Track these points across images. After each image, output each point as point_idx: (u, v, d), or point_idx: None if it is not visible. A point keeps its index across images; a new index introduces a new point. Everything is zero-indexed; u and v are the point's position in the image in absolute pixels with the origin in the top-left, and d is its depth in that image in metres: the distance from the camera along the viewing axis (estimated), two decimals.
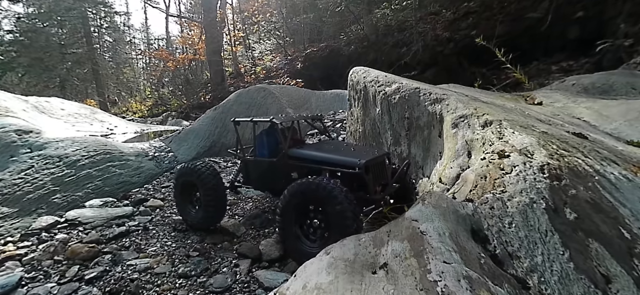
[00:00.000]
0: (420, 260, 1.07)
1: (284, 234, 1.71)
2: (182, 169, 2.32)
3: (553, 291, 1.17)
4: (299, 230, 1.71)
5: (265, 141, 2.27)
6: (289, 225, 1.70)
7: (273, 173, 2.12)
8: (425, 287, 0.92)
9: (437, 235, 1.27)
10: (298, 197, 1.69)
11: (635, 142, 2.52)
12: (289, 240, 1.70)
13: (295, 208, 1.69)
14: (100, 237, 2.12)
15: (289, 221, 1.70)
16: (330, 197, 1.60)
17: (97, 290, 1.59)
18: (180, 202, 2.34)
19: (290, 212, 1.70)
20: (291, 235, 1.69)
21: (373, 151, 2.17)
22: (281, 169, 2.05)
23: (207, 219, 2.24)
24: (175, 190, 2.36)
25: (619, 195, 1.50)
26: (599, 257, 1.26)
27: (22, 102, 4.67)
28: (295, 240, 1.69)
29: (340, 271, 1.12)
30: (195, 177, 2.17)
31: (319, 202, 1.65)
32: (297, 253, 1.68)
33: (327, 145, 2.40)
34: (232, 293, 1.62)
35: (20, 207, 2.34)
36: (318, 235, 1.70)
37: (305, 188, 1.67)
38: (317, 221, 1.70)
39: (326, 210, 1.62)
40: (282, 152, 2.08)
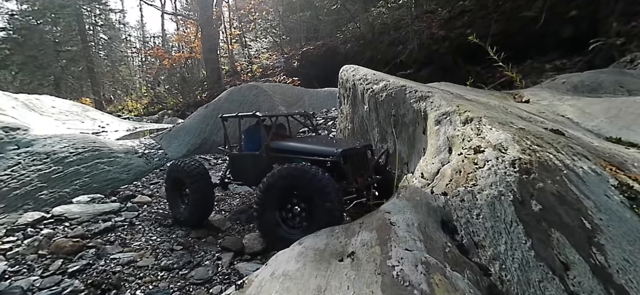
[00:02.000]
0: (383, 248, 1.12)
1: (262, 218, 1.68)
2: (172, 166, 2.35)
3: (512, 277, 1.23)
4: (279, 216, 1.69)
5: (251, 136, 2.33)
6: (269, 209, 1.67)
7: (256, 166, 2.14)
8: (383, 271, 0.97)
9: (405, 225, 1.32)
10: (285, 181, 1.65)
11: (613, 139, 2.59)
12: (267, 225, 1.68)
13: (279, 191, 1.66)
14: (85, 232, 2.15)
15: (270, 204, 1.67)
16: (321, 189, 1.58)
17: (78, 283, 1.62)
18: (171, 198, 2.38)
19: (273, 195, 1.67)
20: (270, 220, 1.67)
21: (354, 143, 2.19)
22: (264, 161, 2.07)
23: (194, 216, 2.27)
24: (167, 187, 2.39)
25: (584, 188, 1.56)
26: (559, 245, 1.32)
27: (11, 100, 4.66)
28: (274, 226, 1.67)
29: (309, 259, 1.16)
30: (184, 174, 2.20)
31: (307, 191, 1.62)
32: (274, 238, 1.66)
33: (311, 138, 2.45)
34: (212, 284, 1.66)
35: (6, 203, 2.36)
36: (297, 223, 1.69)
37: (294, 173, 1.64)
38: (299, 209, 1.68)
39: (313, 201, 1.60)
40: (265, 145, 2.12)
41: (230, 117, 2.48)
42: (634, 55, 5.08)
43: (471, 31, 5.10)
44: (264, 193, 1.68)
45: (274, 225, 1.67)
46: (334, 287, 0.96)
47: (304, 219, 1.68)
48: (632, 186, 1.61)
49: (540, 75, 6.39)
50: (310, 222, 1.63)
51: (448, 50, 8.55)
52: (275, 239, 1.65)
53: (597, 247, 1.33)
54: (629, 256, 1.30)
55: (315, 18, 13.77)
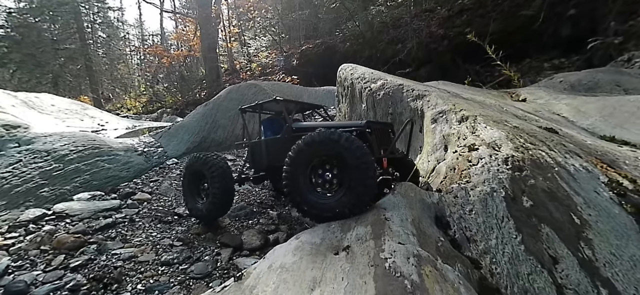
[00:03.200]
0: (377, 242, 1.15)
1: (293, 184, 1.54)
2: (191, 159, 2.29)
3: (502, 270, 1.27)
4: (311, 182, 1.58)
5: (271, 126, 2.31)
6: (301, 174, 1.54)
7: (278, 149, 2.04)
8: (376, 263, 1.01)
9: (399, 221, 1.36)
10: (320, 145, 1.52)
11: (607, 137, 2.64)
12: (299, 192, 1.54)
13: (314, 155, 1.54)
14: (86, 229, 2.18)
15: (302, 169, 1.54)
16: (358, 156, 1.47)
17: (81, 277, 1.66)
18: (188, 192, 2.31)
19: (306, 159, 1.55)
20: (303, 186, 1.55)
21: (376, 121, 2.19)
22: (286, 143, 1.94)
23: (212, 211, 2.20)
24: (183, 181, 2.34)
25: (575, 184, 1.60)
26: (549, 240, 1.36)
27: (10, 98, 4.67)
28: (306, 192, 1.55)
29: (306, 253, 1.20)
30: (204, 167, 2.15)
31: (342, 157, 1.50)
32: (307, 205, 1.53)
33: (329, 122, 2.44)
34: (211, 278, 1.70)
35: (8, 200, 2.39)
36: (330, 190, 1.58)
37: (331, 136, 1.52)
38: (330, 176, 1.57)
39: (348, 167, 1.48)
40: (286, 126, 2.07)
41: (249, 107, 2.42)
42: (631, 54, 5.12)
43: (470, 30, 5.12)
44: (297, 156, 1.55)
45: (307, 191, 1.55)
46: (329, 278, 1.00)
47: (337, 187, 1.57)
48: (622, 183, 1.66)
49: (538, 74, 6.41)
50: (344, 189, 1.52)
51: (447, 48, 8.55)
52: (307, 206, 1.53)
53: (585, 241, 1.37)
54: (616, 250, 1.34)
55: (314, 16, 13.75)
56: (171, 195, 2.98)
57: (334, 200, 1.51)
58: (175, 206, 2.74)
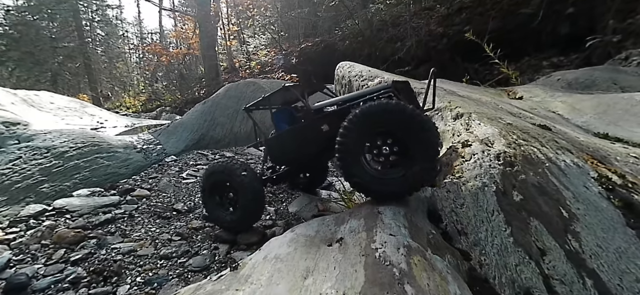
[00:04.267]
0: (369, 234, 1.19)
1: (348, 159, 1.40)
2: (212, 168, 2.08)
3: (491, 261, 1.31)
4: (369, 157, 1.44)
5: (283, 117, 2.09)
6: (359, 148, 1.41)
7: (302, 137, 1.86)
8: (366, 253, 1.04)
9: (392, 214, 1.39)
10: (378, 116, 1.37)
11: (600, 134, 2.67)
12: (356, 167, 1.41)
13: (371, 127, 1.40)
14: (86, 224, 2.21)
15: (358, 143, 1.41)
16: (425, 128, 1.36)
17: (81, 270, 1.69)
18: (211, 203, 2.09)
19: (363, 132, 1.40)
20: (360, 161, 1.41)
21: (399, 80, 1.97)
22: (309, 129, 1.81)
23: (245, 222, 2.04)
24: (203, 192, 2.11)
25: (565, 179, 1.64)
26: (537, 233, 1.40)
27: (10, 96, 4.69)
28: (363, 169, 1.41)
29: (300, 244, 1.24)
30: (228, 175, 1.97)
31: (404, 130, 1.37)
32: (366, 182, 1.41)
33: (343, 94, 2.19)
34: (209, 271, 1.73)
35: (8, 196, 2.42)
36: (388, 165, 1.45)
37: (390, 107, 1.37)
38: (388, 149, 1.42)
39: (412, 141, 1.37)
40: (306, 110, 1.87)
41: (256, 103, 2.16)
42: (629, 52, 5.14)
43: (469, 28, 5.14)
44: (352, 128, 1.39)
45: (364, 167, 1.42)
46: (322, 268, 1.04)
47: (395, 162, 1.44)
48: (611, 178, 1.70)
49: (537, 72, 6.43)
50: (407, 164, 1.41)
51: (446, 47, 8.56)
52: (366, 183, 1.41)
53: (573, 234, 1.41)
54: (602, 243, 1.38)
55: (313, 14, 13.73)
56: (170, 191, 3.01)
57: (398, 176, 1.39)
58: (173, 202, 2.78)
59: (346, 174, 1.45)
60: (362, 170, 1.42)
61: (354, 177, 1.43)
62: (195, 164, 3.93)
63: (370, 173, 1.42)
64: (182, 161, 3.97)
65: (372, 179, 1.42)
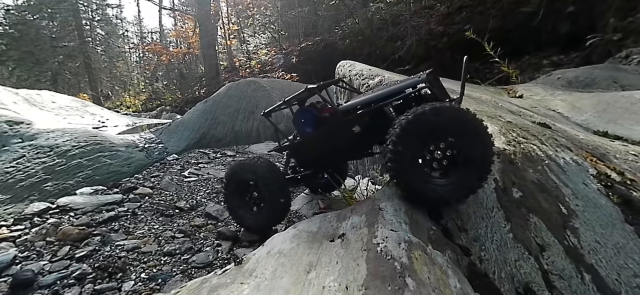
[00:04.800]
0: (370, 229, 1.21)
1: (403, 163, 1.32)
2: (236, 168, 1.99)
3: (491, 256, 1.32)
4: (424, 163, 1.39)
5: (306, 118, 1.92)
6: (414, 153, 1.34)
7: (332, 140, 1.78)
8: (368, 248, 1.06)
9: (393, 210, 1.41)
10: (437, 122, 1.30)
11: (600, 132, 2.69)
12: (411, 172, 1.34)
13: (427, 132, 1.33)
14: (90, 221, 2.23)
15: (414, 147, 1.33)
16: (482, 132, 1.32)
17: (86, 266, 1.71)
18: (234, 204, 2.01)
19: (419, 136, 1.33)
20: (416, 166, 1.35)
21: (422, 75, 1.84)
22: (340, 131, 1.74)
23: (272, 221, 1.96)
24: (227, 194, 2.02)
25: (564, 177, 1.66)
26: (536, 229, 1.42)
27: (12, 95, 4.71)
28: (419, 174, 1.36)
29: (303, 240, 1.26)
30: (253, 175, 1.89)
31: (462, 135, 1.34)
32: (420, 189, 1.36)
33: (370, 91, 2.02)
34: (213, 268, 1.76)
35: (13, 193, 2.44)
36: (443, 171, 1.40)
37: (450, 112, 1.32)
38: (441, 155, 1.37)
39: (470, 146, 1.34)
40: (334, 112, 1.76)
41: (275, 108, 2.03)
42: (629, 50, 5.15)
43: (469, 27, 5.14)
44: (408, 133, 1.31)
45: (419, 172, 1.36)
46: (324, 262, 1.06)
47: (448, 168, 1.40)
48: (610, 175, 1.72)
49: (537, 70, 6.44)
50: (459, 170, 1.37)
51: (446, 46, 8.56)
52: (419, 189, 1.36)
53: (572, 230, 1.43)
54: (600, 238, 1.40)
55: (313, 14, 13.72)
56: (172, 189, 3.03)
57: (452, 182, 1.36)
58: (176, 200, 2.80)
59: (398, 179, 1.37)
60: (416, 176, 1.36)
61: (406, 183, 1.37)
62: (197, 162, 3.95)
63: (424, 179, 1.37)
64: (184, 160, 3.99)
65: (425, 186, 1.37)
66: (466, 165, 1.37)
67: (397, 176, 1.37)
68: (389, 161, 1.34)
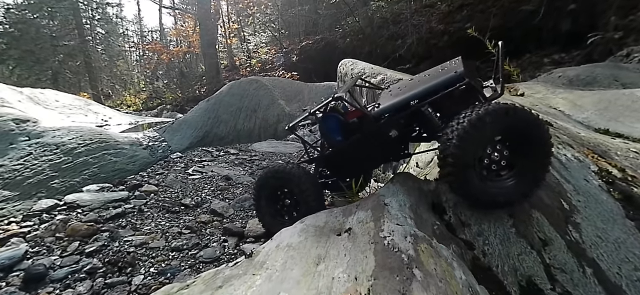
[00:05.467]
0: (377, 224, 1.24)
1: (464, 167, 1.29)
2: (269, 173, 1.90)
3: (494, 250, 1.35)
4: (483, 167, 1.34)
5: (333, 125, 1.82)
6: (477, 156, 1.30)
7: (367, 148, 1.71)
8: (375, 241, 1.09)
9: (397, 205, 1.44)
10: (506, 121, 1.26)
11: (601, 130, 2.72)
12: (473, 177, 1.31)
13: (493, 134, 1.30)
14: (98, 218, 2.27)
15: (477, 149, 1.29)
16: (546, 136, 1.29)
17: (97, 261, 1.75)
18: (266, 210, 1.93)
19: (483, 139, 1.29)
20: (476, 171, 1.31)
21: (455, 63, 1.70)
22: (376, 137, 1.66)
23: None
24: (258, 200, 1.94)
25: (565, 173, 1.69)
26: (539, 224, 1.45)
27: (16, 93, 4.75)
28: (479, 179, 1.33)
29: (310, 234, 1.29)
30: (287, 181, 1.82)
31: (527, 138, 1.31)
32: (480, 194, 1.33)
33: (396, 89, 1.89)
34: (220, 263, 1.79)
35: (21, 191, 2.48)
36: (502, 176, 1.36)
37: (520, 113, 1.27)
38: (499, 156, 1.33)
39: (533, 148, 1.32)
40: (367, 117, 1.67)
41: (301, 121, 1.92)
42: (630, 49, 5.16)
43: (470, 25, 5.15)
44: (470, 136, 1.26)
45: (480, 177, 1.33)
46: (333, 255, 1.09)
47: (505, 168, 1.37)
48: (611, 172, 1.75)
49: (538, 69, 6.45)
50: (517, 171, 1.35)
51: (447, 44, 8.56)
52: (479, 192, 1.33)
53: (573, 225, 1.46)
54: (602, 233, 1.43)
55: (314, 12, 13.71)
56: (177, 187, 3.07)
57: (511, 184, 1.35)
58: (181, 197, 2.83)
59: (457, 183, 1.35)
60: (476, 180, 1.33)
61: (465, 187, 1.34)
62: (201, 160, 3.98)
63: (484, 182, 1.35)
64: (187, 158, 4.03)
65: (485, 189, 1.34)
66: (527, 166, 1.35)
67: (456, 180, 1.33)
68: (449, 167, 1.30)
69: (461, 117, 1.32)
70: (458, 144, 1.27)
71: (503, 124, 1.29)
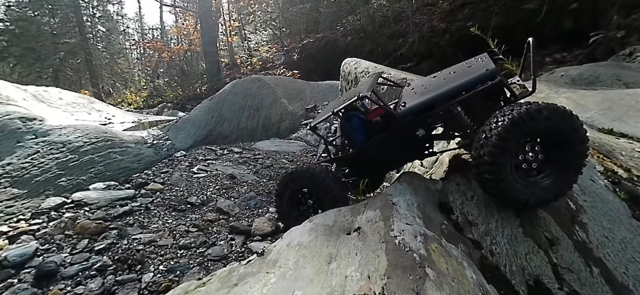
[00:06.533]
0: (386, 223, 1.25)
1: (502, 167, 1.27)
2: (292, 175, 1.86)
3: (502, 250, 1.37)
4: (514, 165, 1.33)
5: (356, 125, 1.78)
6: (511, 156, 1.29)
7: (393, 148, 1.68)
8: (386, 240, 1.10)
9: (405, 205, 1.45)
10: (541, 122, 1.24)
11: (605, 130, 2.72)
12: (507, 180, 1.30)
13: (527, 134, 1.29)
14: (105, 215, 2.29)
15: (511, 149, 1.28)
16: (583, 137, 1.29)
17: (106, 258, 1.77)
18: (288, 212, 1.88)
19: (518, 138, 1.27)
20: (511, 170, 1.31)
21: (483, 60, 1.66)
22: (403, 136, 1.63)
23: None
24: (281, 203, 1.89)
25: None
26: (546, 224, 1.46)
27: (21, 91, 4.76)
28: (515, 179, 1.32)
29: (320, 233, 1.30)
30: (311, 183, 1.79)
31: (563, 139, 1.29)
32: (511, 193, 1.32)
33: (419, 87, 1.83)
34: (228, 261, 1.81)
35: (29, 188, 2.49)
36: (536, 175, 1.36)
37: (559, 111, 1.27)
38: (534, 156, 1.33)
39: (567, 149, 1.30)
40: (394, 118, 1.62)
41: (322, 120, 1.85)
42: (633, 48, 5.15)
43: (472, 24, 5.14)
44: (511, 135, 1.25)
45: (514, 177, 1.32)
46: (344, 254, 1.10)
47: (541, 168, 1.36)
48: (617, 172, 1.75)
49: (540, 68, 6.43)
50: (552, 171, 1.34)
51: (449, 43, 8.53)
52: (515, 191, 1.33)
53: (580, 225, 1.47)
54: (608, 233, 1.45)
55: (315, 10, 13.66)
56: (182, 185, 3.08)
57: (546, 184, 1.35)
58: (186, 196, 2.85)
59: (493, 183, 1.33)
60: (511, 179, 1.32)
61: (500, 187, 1.33)
62: (205, 159, 4.00)
63: (518, 182, 1.34)
64: (192, 156, 4.04)
65: (519, 189, 1.34)
66: (561, 167, 1.34)
67: (493, 179, 1.31)
68: (487, 166, 1.29)
69: (500, 116, 1.30)
70: (496, 143, 1.26)
71: (543, 124, 1.27)
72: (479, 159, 1.34)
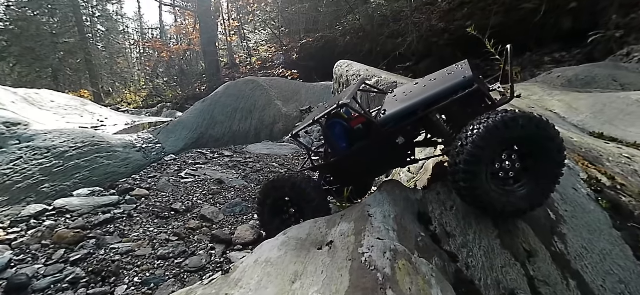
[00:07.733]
0: (358, 237, 1.22)
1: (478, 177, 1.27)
2: (273, 184, 1.83)
3: (477, 263, 1.33)
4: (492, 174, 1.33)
5: (338, 132, 1.77)
6: (486, 165, 1.28)
7: (373, 156, 1.67)
8: (353, 258, 1.07)
9: (382, 217, 1.42)
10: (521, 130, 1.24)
11: (595, 134, 2.68)
12: (483, 189, 1.30)
13: (504, 142, 1.29)
14: (86, 224, 2.26)
15: (488, 158, 1.28)
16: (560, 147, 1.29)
17: (80, 271, 1.74)
18: (270, 221, 1.85)
19: (495, 146, 1.28)
20: (486, 178, 1.30)
21: (462, 67, 1.66)
22: (382, 144, 1.62)
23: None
24: (263, 211, 1.86)
25: None
26: (524, 235, 1.43)
27: (10, 94, 4.73)
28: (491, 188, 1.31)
29: (291, 248, 1.27)
30: (294, 192, 1.76)
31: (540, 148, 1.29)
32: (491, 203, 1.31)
33: (401, 94, 1.83)
34: (205, 272, 1.78)
35: (9, 196, 2.47)
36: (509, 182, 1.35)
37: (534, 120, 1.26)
38: (511, 164, 1.33)
39: (545, 159, 1.30)
40: (374, 125, 1.62)
41: (305, 128, 1.85)
42: (631, 48, 5.10)
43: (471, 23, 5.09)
44: (486, 143, 1.25)
45: (491, 187, 1.31)
46: (310, 272, 1.07)
47: (518, 178, 1.36)
48: (601, 180, 1.72)
49: (538, 67, 6.40)
50: (529, 181, 1.34)
51: (447, 42, 8.49)
52: (491, 203, 1.32)
53: (559, 236, 1.43)
54: (587, 244, 1.41)
55: (314, 10, 13.60)
56: (168, 191, 3.06)
57: (522, 193, 1.34)
58: (172, 202, 2.82)
59: (468, 191, 1.33)
60: (487, 188, 1.32)
61: (476, 196, 1.33)
62: (194, 163, 3.97)
63: (495, 191, 1.33)
64: (181, 160, 4.02)
65: (495, 198, 1.33)
66: (538, 176, 1.34)
67: (468, 187, 1.31)
68: (462, 174, 1.29)
69: (475, 124, 1.30)
70: (471, 151, 1.26)
71: (518, 132, 1.27)
72: (455, 166, 1.33)
